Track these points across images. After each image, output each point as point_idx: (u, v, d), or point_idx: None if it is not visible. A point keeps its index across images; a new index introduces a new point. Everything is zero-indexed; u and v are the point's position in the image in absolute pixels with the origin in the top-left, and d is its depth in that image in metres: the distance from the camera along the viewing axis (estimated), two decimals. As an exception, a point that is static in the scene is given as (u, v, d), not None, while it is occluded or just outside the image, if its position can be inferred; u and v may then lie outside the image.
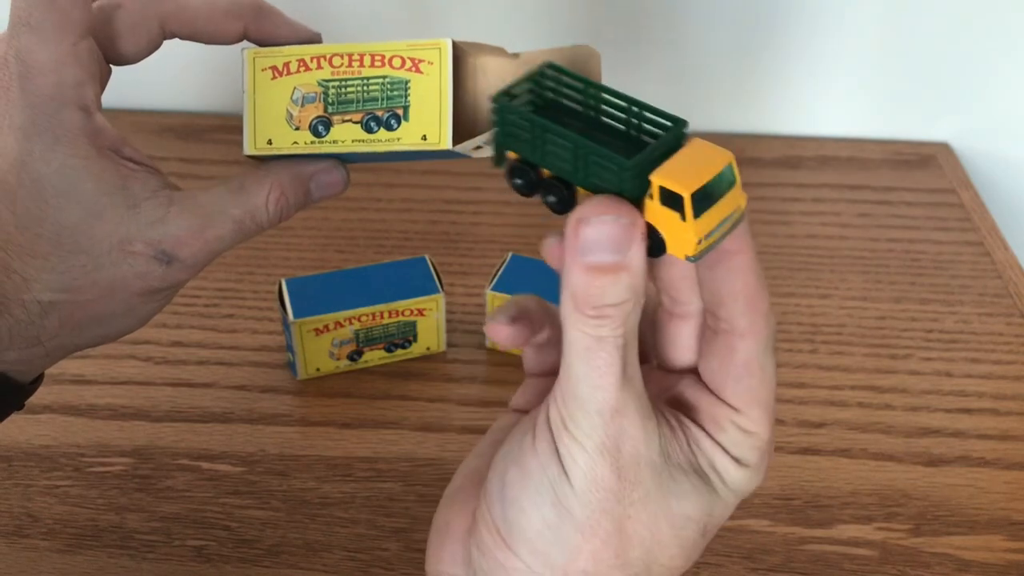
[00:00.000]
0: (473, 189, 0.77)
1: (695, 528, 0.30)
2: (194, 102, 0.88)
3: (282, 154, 0.38)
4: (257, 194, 0.38)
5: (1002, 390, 0.58)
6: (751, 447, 0.30)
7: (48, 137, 0.34)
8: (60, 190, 0.35)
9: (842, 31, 0.81)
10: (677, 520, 0.29)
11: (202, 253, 0.37)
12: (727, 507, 0.31)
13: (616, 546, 0.29)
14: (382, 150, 0.37)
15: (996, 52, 0.81)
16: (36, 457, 0.53)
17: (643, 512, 0.29)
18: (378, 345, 0.58)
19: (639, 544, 0.29)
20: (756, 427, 0.30)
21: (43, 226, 0.35)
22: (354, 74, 0.37)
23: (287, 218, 0.39)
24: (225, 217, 0.37)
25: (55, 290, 0.35)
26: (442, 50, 0.36)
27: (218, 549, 0.48)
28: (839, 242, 0.72)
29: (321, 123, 0.37)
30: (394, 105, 0.37)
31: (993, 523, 0.50)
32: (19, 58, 0.34)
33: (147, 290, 0.37)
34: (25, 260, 0.35)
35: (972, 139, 0.85)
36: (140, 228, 0.36)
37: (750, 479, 0.31)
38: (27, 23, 0.34)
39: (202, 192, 0.37)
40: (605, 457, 0.28)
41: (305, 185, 0.39)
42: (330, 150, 0.38)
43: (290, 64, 0.37)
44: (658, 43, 0.83)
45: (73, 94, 0.34)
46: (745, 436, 0.30)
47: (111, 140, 0.36)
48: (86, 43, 0.35)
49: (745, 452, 0.30)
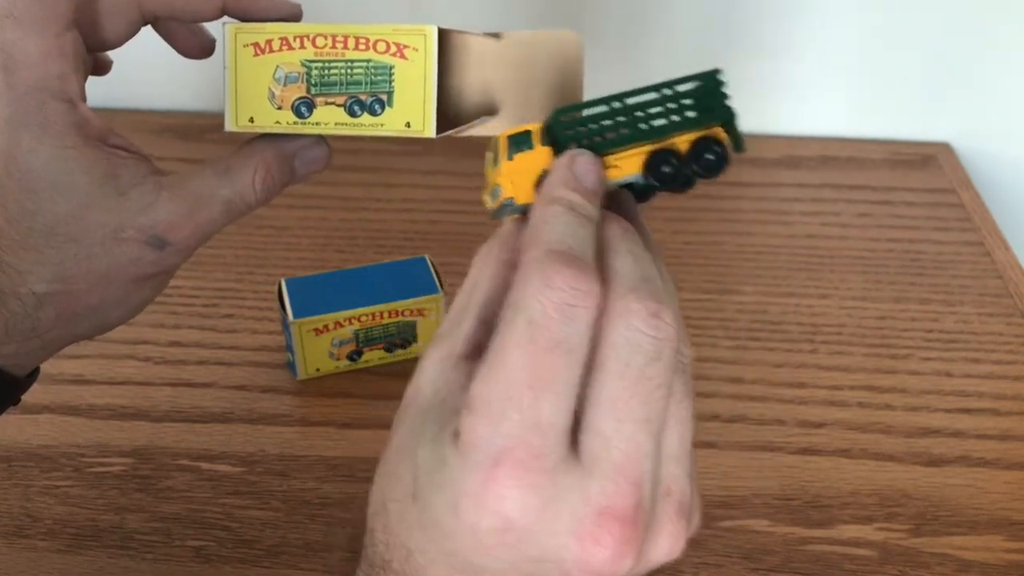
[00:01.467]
0: (473, 189, 0.77)
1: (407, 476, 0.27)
2: (194, 102, 0.88)
3: (264, 132, 0.38)
4: (243, 174, 0.38)
5: (1002, 390, 0.58)
6: (464, 423, 0.26)
7: (35, 129, 0.34)
8: (50, 182, 0.35)
9: (842, 31, 0.81)
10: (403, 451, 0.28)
11: (194, 236, 0.37)
12: (443, 493, 0.26)
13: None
14: (366, 135, 0.37)
15: (996, 52, 0.81)
16: (36, 457, 0.53)
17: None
18: (378, 345, 0.58)
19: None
20: (473, 400, 0.25)
21: (34, 218, 0.35)
22: (338, 56, 0.37)
23: (274, 196, 0.39)
24: (214, 199, 0.37)
25: (49, 281, 0.35)
26: (427, 36, 0.36)
27: (218, 549, 0.48)
28: (839, 242, 0.72)
29: (304, 104, 0.37)
30: (378, 90, 0.37)
31: (993, 523, 0.50)
32: (3, 50, 0.34)
33: (141, 276, 0.37)
34: (18, 253, 0.35)
35: (972, 139, 0.85)
36: (131, 215, 0.36)
37: (458, 469, 0.25)
38: (11, 15, 0.34)
39: (190, 176, 0.37)
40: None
41: (290, 162, 0.39)
42: (313, 131, 0.38)
43: (272, 42, 0.37)
44: (656, 43, 0.83)
45: (58, 86, 0.35)
46: (465, 404, 0.26)
47: (97, 130, 0.36)
48: (70, 35, 0.35)
49: (460, 426, 0.26)
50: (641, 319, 0.26)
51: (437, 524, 0.26)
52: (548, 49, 0.37)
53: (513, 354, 0.25)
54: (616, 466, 0.26)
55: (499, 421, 0.25)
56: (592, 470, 0.26)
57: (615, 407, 0.26)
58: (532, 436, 0.25)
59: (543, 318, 0.25)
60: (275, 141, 0.39)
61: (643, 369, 0.26)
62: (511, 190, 0.30)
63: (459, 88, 0.37)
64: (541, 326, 0.25)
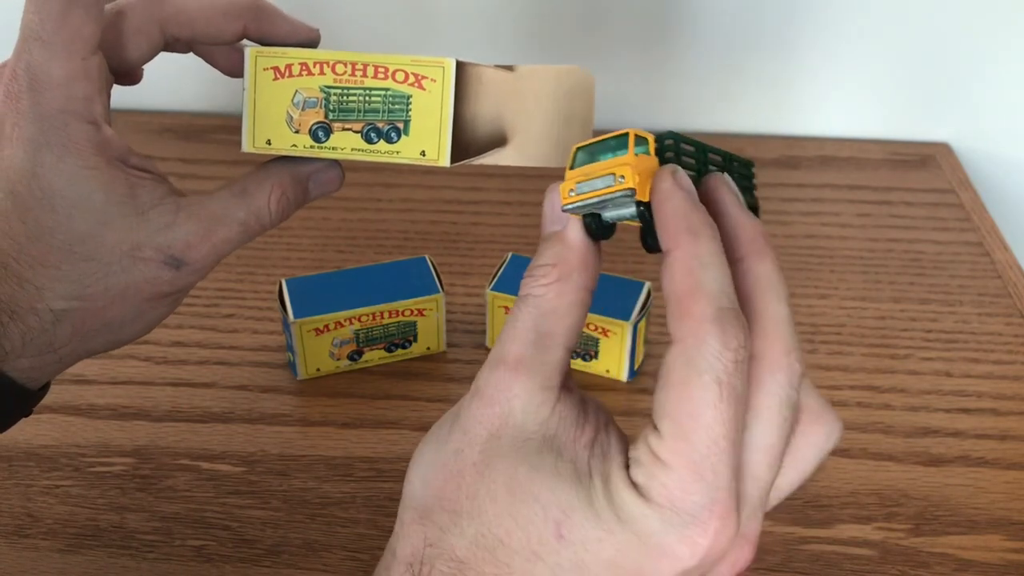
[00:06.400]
0: (473, 189, 0.77)
1: (541, 515, 0.28)
2: (194, 102, 0.88)
3: (280, 154, 0.38)
4: (260, 196, 0.39)
5: (1002, 390, 0.58)
6: (651, 475, 0.27)
7: (57, 149, 0.35)
8: (70, 200, 0.35)
9: (842, 31, 0.81)
10: (519, 490, 0.28)
11: (210, 256, 0.38)
12: (614, 539, 0.27)
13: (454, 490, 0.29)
14: (381, 162, 0.38)
15: (996, 52, 0.81)
16: (36, 457, 0.53)
17: (489, 465, 0.29)
18: (378, 345, 0.58)
19: (470, 497, 0.29)
20: (669, 456, 0.27)
21: (54, 236, 0.35)
22: (356, 83, 0.37)
23: (288, 216, 0.40)
24: (231, 220, 0.38)
25: (67, 298, 0.36)
26: (446, 69, 0.37)
27: (218, 549, 0.48)
28: (839, 242, 0.72)
29: (321, 129, 0.38)
30: (395, 119, 0.37)
31: (993, 523, 0.50)
32: (29, 72, 0.34)
33: (157, 295, 0.38)
34: (37, 269, 0.35)
35: (972, 139, 0.86)
36: (149, 234, 0.36)
37: (656, 523, 0.27)
38: (39, 38, 0.34)
39: (207, 197, 0.38)
40: (475, 399, 0.29)
41: (304, 184, 0.40)
42: (329, 156, 0.38)
43: (292, 66, 0.37)
44: (657, 44, 0.83)
45: (82, 108, 0.35)
46: (653, 460, 0.27)
47: (118, 150, 0.36)
48: (96, 58, 0.35)
49: (648, 480, 0.27)
50: (798, 377, 0.28)
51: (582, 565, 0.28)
52: (559, 82, 0.38)
53: (708, 413, 0.26)
54: (760, 503, 0.29)
55: (706, 476, 0.26)
56: (743, 508, 0.28)
57: (769, 454, 0.28)
58: (734, 485, 0.27)
59: (727, 376, 0.27)
60: (290, 164, 0.39)
61: (788, 418, 0.28)
62: (634, 182, 0.29)
63: (472, 118, 0.38)
64: (726, 384, 0.26)
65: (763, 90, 0.85)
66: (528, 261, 0.61)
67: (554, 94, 0.38)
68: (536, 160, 0.38)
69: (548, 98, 0.38)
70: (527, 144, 0.38)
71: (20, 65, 0.34)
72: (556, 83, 0.38)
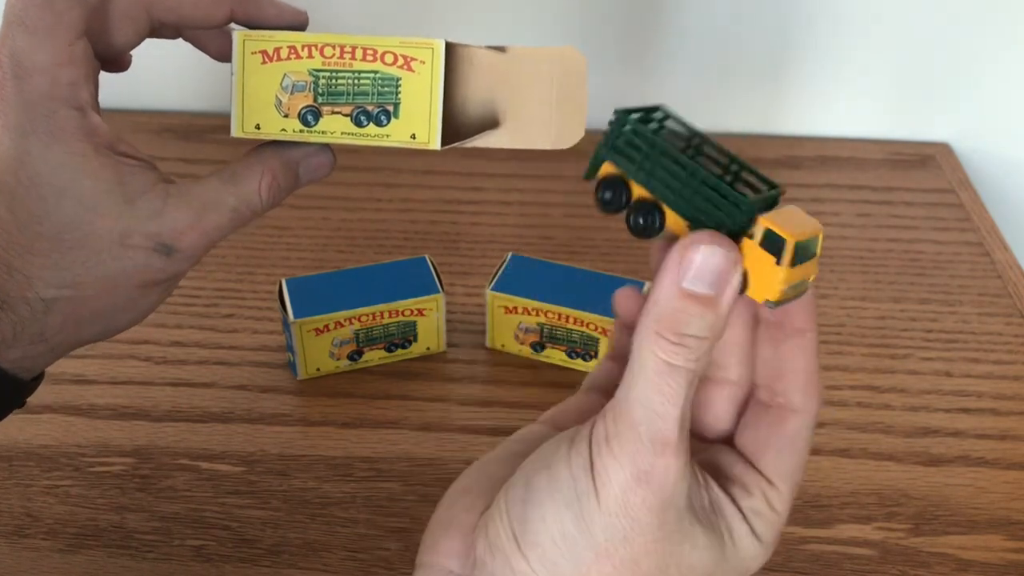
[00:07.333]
0: (473, 189, 0.77)
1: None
2: (194, 102, 0.88)
3: (270, 138, 0.38)
4: (250, 182, 0.38)
5: (1002, 390, 0.58)
6: (770, 523, 0.30)
7: (44, 136, 0.34)
8: (58, 188, 0.35)
9: (842, 31, 0.81)
10: (684, 568, 0.29)
11: (201, 243, 0.37)
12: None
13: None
14: (371, 145, 0.37)
15: (996, 52, 0.81)
16: (36, 457, 0.53)
17: (659, 551, 0.28)
18: (378, 345, 0.58)
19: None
20: (782, 505, 0.31)
21: (43, 224, 0.35)
22: (345, 66, 0.37)
23: (279, 202, 0.40)
24: (221, 206, 0.38)
25: (58, 287, 0.36)
26: (435, 50, 0.36)
27: (218, 549, 0.48)
28: (839, 242, 0.72)
29: (310, 112, 0.37)
30: (384, 101, 0.37)
31: (993, 523, 0.50)
32: (14, 58, 0.34)
33: (148, 282, 0.37)
34: (26, 258, 0.35)
35: (972, 139, 0.86)
36: (139, 222, 0.36)
37: (758, 555, 0.31)
38: (23, 23, 0.34)
39: (197, 183, 0.38)
40: (642, 487, 0.28)
41: (294, 170, 0.40)
42: (318, 140, 0.38)
43: (280, 50, 0.37)
44: (657, 43, 0.83)
45: (68, 94, 0.35)
46: (769, 510, 0.30)
47: (106, 137, 0.36)
48: (81, 43, 0.35)
49: (763, 527, 0.30)
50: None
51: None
52: (552, 64, 0.37)
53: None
54: None
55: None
56: None
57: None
58: None
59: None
60: (280, 148, 0.39)
61: None
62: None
63: (463, 100, 0.37)
64: None
65: (763, 90, 0.85)
66: (529, 261, 0.61)
67: (547, 75, 0.37)
68: (528, 142, 0.38)
69: (540, 79, 0.37)
70: (519, 126, 0.38)
71: (4, 52, 0.34)
72: (549, 64, 0.37)
